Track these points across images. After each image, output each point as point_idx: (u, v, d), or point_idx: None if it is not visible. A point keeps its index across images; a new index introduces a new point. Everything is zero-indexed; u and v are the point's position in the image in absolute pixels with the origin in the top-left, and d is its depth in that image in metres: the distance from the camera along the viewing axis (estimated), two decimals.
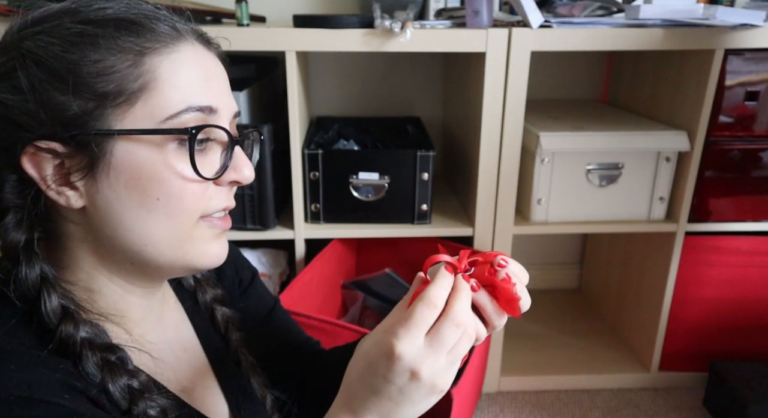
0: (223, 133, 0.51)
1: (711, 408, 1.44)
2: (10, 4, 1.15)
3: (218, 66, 0.53)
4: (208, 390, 0.63)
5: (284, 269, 1.50)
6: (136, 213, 0.49)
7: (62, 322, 0.48)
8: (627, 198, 1.38)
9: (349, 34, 1.18)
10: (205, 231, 0.53)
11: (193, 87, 0.49)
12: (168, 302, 0.63)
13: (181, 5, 0.54)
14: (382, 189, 1.32)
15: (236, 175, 0.53)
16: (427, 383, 0.43)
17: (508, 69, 1.23)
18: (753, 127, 1.30)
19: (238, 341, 0.68)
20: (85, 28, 0.46)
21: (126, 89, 0.46)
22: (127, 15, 0.48)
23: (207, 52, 0.52)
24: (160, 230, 0.50)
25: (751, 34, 1.21)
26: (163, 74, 0.47)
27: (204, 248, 0.53)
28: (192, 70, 0.49)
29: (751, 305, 1.45)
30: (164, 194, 0.48)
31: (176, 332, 0.62)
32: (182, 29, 0.51)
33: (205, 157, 0.51)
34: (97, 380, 0.48)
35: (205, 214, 0.52)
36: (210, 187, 0.51)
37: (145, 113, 0.47)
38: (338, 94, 1.72)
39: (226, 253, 0.55)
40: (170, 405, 0.52)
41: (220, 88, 0.52)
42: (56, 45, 0.46)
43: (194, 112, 0.49)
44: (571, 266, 1.96)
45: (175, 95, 0.48)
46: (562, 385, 1.53)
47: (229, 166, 0.52)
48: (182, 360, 0.61)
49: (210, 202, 0.52)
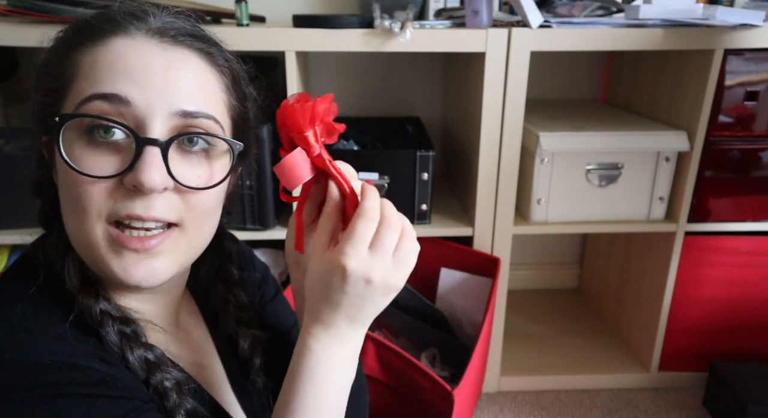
0: (121, 128, 0.46)
1: (711, 408, 1.44)
2: (10, 4, 1.15)
3: (170, 61, 0.48)
4: (222, 397, 0.63)
5: (284, 269, 1.50)
6: (64, 208, 0.50)
7: (82, 292, 0.50)
8: (627, 198, 1.38)
9: (349, 34, 1.18)
10: (112, 241, 0.48)
11: (104, 75, 0.46)
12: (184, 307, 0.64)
13: (181, 5, 0.54)
14: (382, 189, 1.32)
15: (132, 178, 0.46)
16: (380, 285, 0.48)
17: (507, 69, 1.23)
18: (753, 127, 1.30)
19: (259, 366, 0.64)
20: (61, 32, 0.52)
21: (59, 84, 0.49)
22: (94, 14, 0.50)
23: (155, 45, 0.48)
24: (73, 228, 0.49)
25: (751, 34, 1.21)
26: (83, 66, 0.48)
27: (110, 261, 0.48)
28: (113, 61, 0.47)
29: (751, 305, 1.45)
30: (66, 189, 0.48)
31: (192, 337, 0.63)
32: (126, 22, 0.49)
33: (111, 155, 0.47)
34: (117, 349, 0.49)
35: (110, 218, 0.47)
36: (109, 188, 0.47)
37: (66, 106, 0.49)
38: (338, 94, 1.72)
39: (149, 276, 0.49)
40: (184, 378, 0.53)
41: (153, 80, 0.47)
42: (46, 51, 0.52)
43: (98, 100, 0.46)
44: (571, 266, 1.96)
45: (84, 85, 0.47)
46: (562, 385, 1.53)
47: (134, 167, 0.46)
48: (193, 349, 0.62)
49: (113, 204, 0.47)
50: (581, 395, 1.51)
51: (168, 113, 0.48)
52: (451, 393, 0.97)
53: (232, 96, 0.55)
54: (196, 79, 0.50)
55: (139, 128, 0.47)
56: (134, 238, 0.48)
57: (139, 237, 0.48)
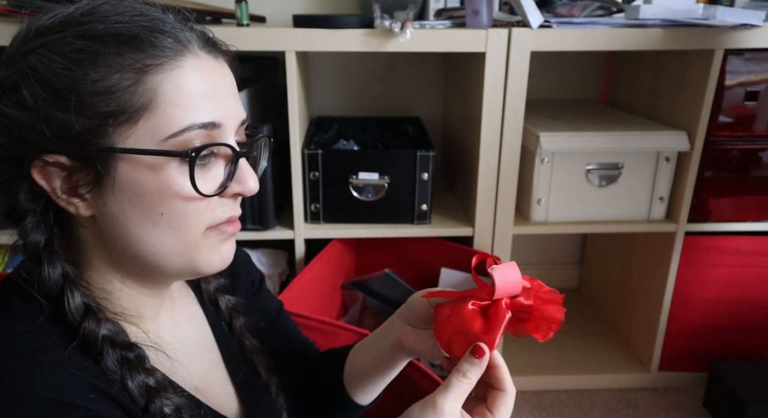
0: (227, 147, 0.51)
1: (711, 408, 1.44)
2: (10, 4, 1.15)
3: (225, 75, 0.52)
4: (220, 386, 0.63)
5: (284, 269, 1.50)
6: (142, 226, 0.50)
7: (85, 319, 0.50)
8: (627, 198, 1.38)
9: (349, 34, 1.18)
10: (213, 239, 0.53)
11: (196, 103, 0.48)
12: (177, 296, 0.64)
13: (181, 5, 0.54)
14: (382, 189, 1.32)
15: (240, 188, 0.52)
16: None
17: (507, 69, 1.23)
18: (753, 127, 1.30)
19: (242, 326, 0.68)
20: (86, 44, 0.46)
21: (128, 108, 0.46)
22: (130, 28, 0.47)
23: (213, 60, 0.51)
24: (167, 241, 0.51)
25: (751, 34, 1.21)
26: (165, 92, 0.47)
27: (212, 255, 0.53)
28: (195, 85, 0.48)
29: (751, 305, 1.45)
30: (167, 210, 0.49)
31: (187, 326, 0.63)
32: (186, 40, 0.49)
33: (208, 172, 0.51)
34: (117, 377, 0.49)
35: (211, 225, 0.52)
36: (214, 200, 0.51)
37: (148, 132, 0.47)
38: (338, 94, 1.72)
39: (232, 254, 0.56)
40: (185, 404, 0.53)
41: (226, 99, 0.51)
42: (58, 62, 0.46)
43: (197, 129, 0.48)
44: (571, 266, 1.96)
45: (177, 113, 0.47)
46: (562, 385, 1.53)
47: (234, 179, 0.52)
48: (195, 355, 0.62)
49: (214, 213, 0.52)
50: (581, 395, 1.51)
51: (237, 125, 0.53)
52: None
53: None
54: (235, 87, 0.54)
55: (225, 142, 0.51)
56: (231, 224, 0.54)
57: (232, 223, 0.54)
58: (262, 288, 0.76)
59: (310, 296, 1.29)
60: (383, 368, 0.66)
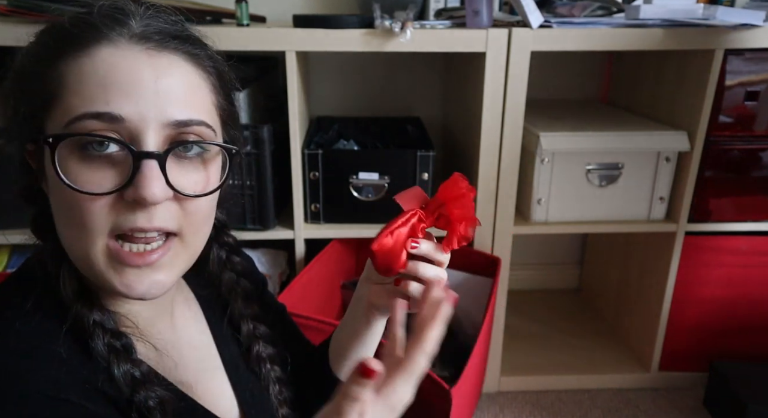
0: (120, 144, 0.46)
1: (711, 408, 1.44)
2: (10, 4, 1.15)
3: (157, 69, 0.47)
4: (217, 390, 0.63)
5: (284, 269, 1.50)
6: (59, 221, 0.49)
7: (78, 300, 0.50)
8: (627, 198, 1.38)
9: (349, 34, 1.18)
10: (113, 260, 0.48)
11: (94, 93, 0.45)
12: (178, 299, 0.63)
13: (181, 5, 0.54)
14: (382, 189, 1.32)
15: (134, 193, 0.46)
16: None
17: (508, 69, 1.23)
18: (753, 127, 1.30)
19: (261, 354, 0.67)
20: (39, 37, 0.50)
21: (43, 95, 0.47)
22: (65, 20, 0.49)
23: (142, 52, 0.47)
24: (72, 243, 0.48)
25: (751, 34, 1.21)
26: (68, 79, 0.46)
27: (111, 277, 0.48)
28: (99, 73, 0.46)
29: (751, 305, 1.45)
30: (63, 205, 0.47)
31: (186, 331, 0.63)
32: (110, 29, 0.47)
33: (108, 170, 0.46)
34: (105, 364, 0.49)
35: (114, 232, 0.47)
36: (115, 204, 0.46)
37: (54, 120, 0.47)
38: (338, 94, 1.72)
39: (151, 289, 0.49)
40: (169, 397, 0.52)
41: (145, 94, 0.46)
42: (23, 56, 0.50)
43: (90, 119, 0.45)
44: (571, 266, 1.96)
45: (74, 102, 0.46)
46: (562, 385, 1.53)
47: (133, 182, 0.46)
48: (189, 357, 0.61)
49: (117, 218, 0.47)
50: (581, 395, 1.51)
51: (161, 124, 0.47)
52: (449, 391, 0.97)
53: (219, 95, 0.54)
54: (185, 85, 0.49)
55: (134, 141, 0.46)
56: (135, 254, 0.48)
57: (140, 253, 0.48)
58: (265, 292, 0.76)
59: (310, 296, 1.29)
60: (361, 336, 0.66)
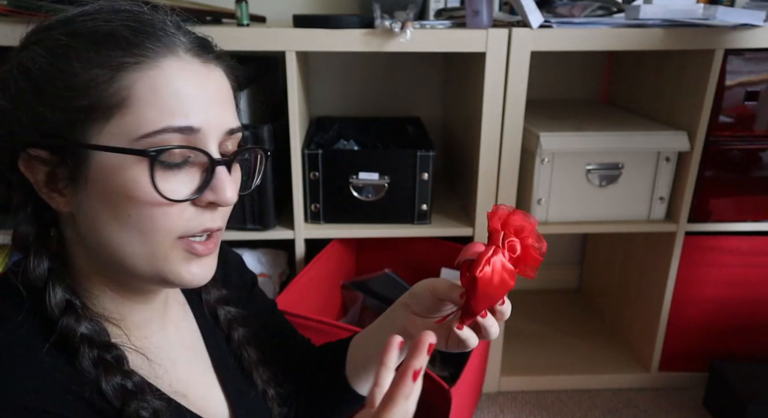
0: (202, 154, 0.49)
1: (711, 408, 1.44)
2: (10, 4, 1.15)
3: (212, 81, 0.51)
4: (207, 391, 0.63)
5: (284, 269, 1.50)
6: (111, 226, 0.49)
7: (64, 315, 0.49)
8: (627, 198, 1.38)
9: (349, 34, 1.18)
10: (182, 253, 0.51)
11: (173, 106, 0.47)
12: (171, 301, 0.63)
13: (181, 5, 0.54)
14: (382, 189, 1.32)
15: (213, 197, 0.50)
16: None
17: (508, 69, 1.23)
18: (753, 127, 1.30)
19: (242, 338, 0.68)
20: (70, 40, 0.47)
21: (101, 104, 0.46)
22: (115, 26, 0.47)
23: (200, 65, 0.50)
24: (135, 245, 0.49)
25: (751, 34, 1.21)
26: (139, 91, 0.47)
27: (180, 269, 0.51)
28: (173, 87, 0.48)
29: (751, 305, 1.45)
30: (135, 212, 0.48)
31: (178, 333, 0.63)
32: (171, 42, 0.49)
33: (181, 177, 0.49)
34: (92, 377, 0.49)
35: (184, 235, 0.50)
36: (188, 209, 0.50)
37: (121, 130, 0.47)
38: (338, 94, 1.72)
39: (207, 274, 0.53)
40: (163, 407, 0.52)
41: (209, 104, 0.50)
42: (42, 57, 0.47)
43: (173, 132, 0.47)
44: (571, 266, 1.96)
45: (151, 114, 0.47)
46: (562, 385, 1.53)
47: (209, 187, 0.50)
48: (181, 361, 0.61)
49: (189, 223, 0.50)
50: (581, 395, 1.51)
51: (220, 133, 0.51)
52: (449, 391, 0.98)
53: (236, 99, 0.56)
54: (227, 93, 0.53)
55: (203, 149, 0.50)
56: (203, 244, 0.52)
57: (205, 243, 0.52)
58: (255, 288, 0.76)
59: (310, 296, 1.29)
60: None
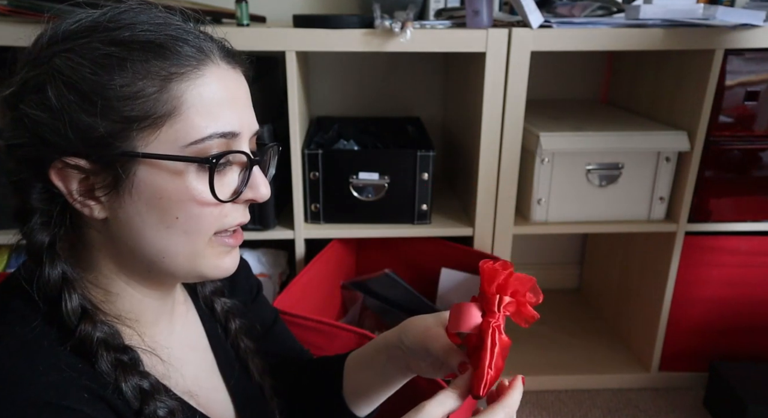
0: (242, 155, 0.53)
1: (711, 408, 1.44)
2: (10, 4, 1.15)
3: (242, 84, 0.54)
4: (213, 391, 0.64)
5: (284, 269, 1.50)
6: (156, 229, 0.51)
7: (81, 321, 0.50)
8: (627, 198, 1.38)
9: (349, 34, 1.18)
10: (217, 247, 0.54)
11: (218, 112, 0.50)
12: (178, 300, 0.64)
13: (181, 5, 0.54)
14: (382, 189, 1.32)
15: (253, 194, 0.54)
16: None
17: (508, 69, 1.23)
18: (753, 127, 1.30)
19: (238, 328, 0.69)
20: (114, 49, 0.47)
21: (152, 114, 0.48)
22: (156, 36, 0.48)
23: (231, 70, 0.53)
24: (177, 245, 0.52)
25: (751, 34, 1.21)
26: (189, 100, 0.49)
27: (216, 262, 0.55)
28: (216, 94, 0.50)
29: (751, 305, 1.45)
30: (183, 214, 0.50)
31: (184, 331, 0.64)
32: (208, 49, 0.51)
33: (223, 178, 0.52)
34: (111, 379, 0.50)
35: (220, 230, 0.54)
36: (227, 206, 0.53)
37: (170, 138, 0.48)
38: (338, 94, 1.72)
39: (236, 265, 0.57)
40: (177, 407, 0.54)
41: (243, 109, 0.53)
42: (85, 66, 0.47)
43: (218, 138, 0.50)
44: (571, 266, 1.96)
45: (200, 122, 0.49)
46: (562, 385, 1.53)
47: (248, 185, 0.54)
48: (189, 360, 0.62)
49: (225, 219, 0.53)
50: (581, 395, 1.51)
51: (251, 134, 0.55)
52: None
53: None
54: (249, 95, 0.55)
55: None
56: (233, 237, 0.55)
57: (234, 235, 0.56)
58: (260, 296, 0.77)
59: (310, 296, 1.28)
60: (390, 386, 0.68)
